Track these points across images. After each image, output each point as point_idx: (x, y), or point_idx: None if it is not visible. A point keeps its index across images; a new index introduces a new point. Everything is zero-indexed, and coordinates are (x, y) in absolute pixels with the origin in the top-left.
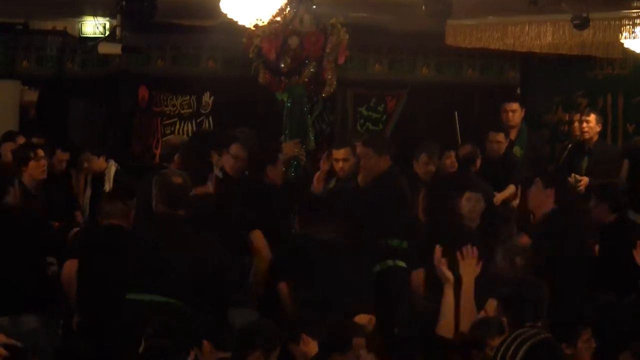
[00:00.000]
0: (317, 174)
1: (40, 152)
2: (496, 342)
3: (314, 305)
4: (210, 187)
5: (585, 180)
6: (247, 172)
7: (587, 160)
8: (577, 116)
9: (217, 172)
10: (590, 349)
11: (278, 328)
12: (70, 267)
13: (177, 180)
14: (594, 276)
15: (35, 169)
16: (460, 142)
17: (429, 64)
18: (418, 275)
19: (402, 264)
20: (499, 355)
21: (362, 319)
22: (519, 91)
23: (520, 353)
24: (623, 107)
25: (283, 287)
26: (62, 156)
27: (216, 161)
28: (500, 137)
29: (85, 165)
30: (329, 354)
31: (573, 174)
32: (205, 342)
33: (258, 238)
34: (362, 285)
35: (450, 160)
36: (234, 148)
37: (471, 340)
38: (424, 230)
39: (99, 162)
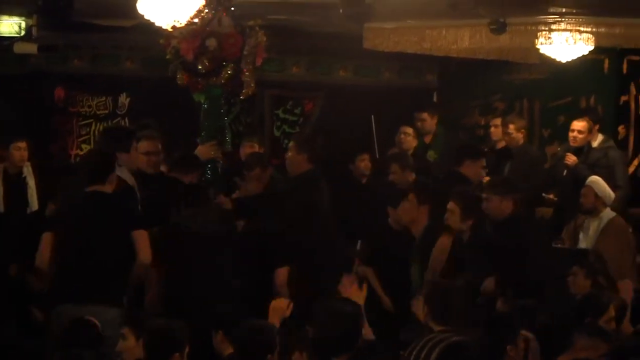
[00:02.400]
0: None
1: None
2: None
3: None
4: (108, 186)
5: None
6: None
7: (510, 164)
8: (496, 120)
9: (119, 171)
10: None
11: (185, 325)
12: None
13: None
14: None
15: None
16: (377, 145)
17: (346, 67)
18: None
19: None
20: (412, 358)
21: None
22: (436, 95)
23: (434, 355)
24: (539, 112)
25: None
26: None
27: (125, 160)
28: (409, 130)
29: (17, 153)
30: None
31: None
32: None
33: (140, 237)
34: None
35: (365, 164)
36: (144, 145)
37: None
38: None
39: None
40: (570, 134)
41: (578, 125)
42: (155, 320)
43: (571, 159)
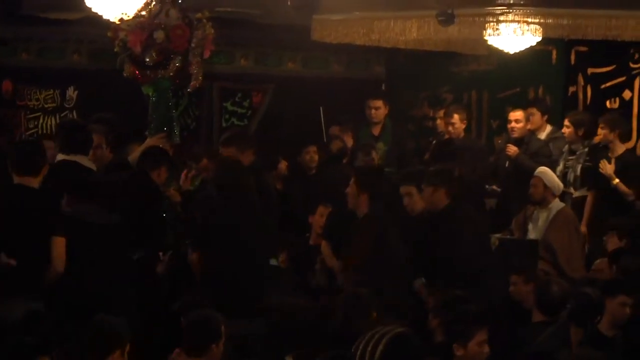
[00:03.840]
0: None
1: None
2: None
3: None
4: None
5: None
6: None
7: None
8: (440, 112)
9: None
10: (483, 354)
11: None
12: None
13: None
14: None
15: None
16: (325, 138)
17: (295, 59)
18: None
19: None
20: (359, 352)
21: None
22: (384, 87)
23: (380, 347)
24: (488, 103)
25: None
26: None
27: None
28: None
29: None
30: None
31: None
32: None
33: (57, 244)
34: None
35: (310, 156)
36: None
37: None
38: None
39: None
40: (509, 125)
41: (514, 115)
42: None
43: (512, 149)
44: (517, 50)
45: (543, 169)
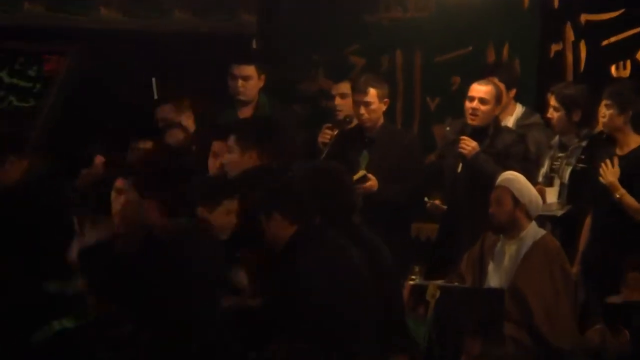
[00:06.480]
0: None
1: None
2: None
3: None
4: None
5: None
6: None
7: (367, 156)
8: (343, 87)
9: None
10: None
11: None
12: None
13: None
14: None
15: None
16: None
17: (110, 3)
18: None
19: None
20: None
21: None
22: (256, 45)
23: None
24: (421, 70)
25: None
26: None
27: None
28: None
29: None
30: None
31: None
32: None
33: None
34: None
35: (137, 153)
36: None
37: None
38: None
39: None
40: (468, 105)
41: (480, 90)
42: None
43: (469, 145)
44: None
45: (511, 175)
